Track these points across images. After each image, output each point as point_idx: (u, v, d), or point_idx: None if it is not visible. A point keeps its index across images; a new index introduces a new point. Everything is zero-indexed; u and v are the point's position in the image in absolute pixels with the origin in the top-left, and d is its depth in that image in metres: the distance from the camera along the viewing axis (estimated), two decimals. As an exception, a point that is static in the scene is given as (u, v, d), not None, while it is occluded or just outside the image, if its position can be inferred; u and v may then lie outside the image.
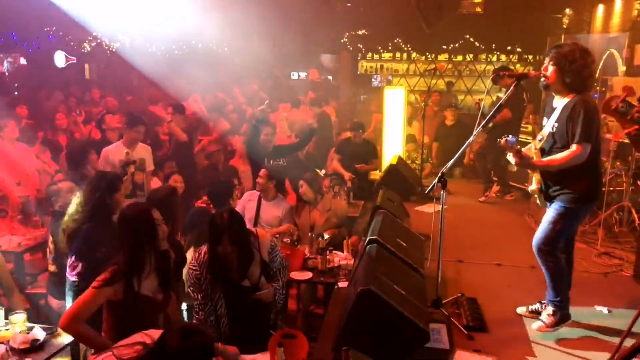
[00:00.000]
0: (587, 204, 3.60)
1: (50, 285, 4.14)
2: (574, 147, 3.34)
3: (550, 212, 3.57)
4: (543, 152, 3.56)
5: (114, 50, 12.73)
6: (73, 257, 3.47)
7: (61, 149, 6.64)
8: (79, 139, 6.89)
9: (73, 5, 9.57)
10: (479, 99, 8.09)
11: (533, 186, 3.69)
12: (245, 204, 5.11)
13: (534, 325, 3.73)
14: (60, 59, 12.82)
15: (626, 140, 4.75)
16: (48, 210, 4.64)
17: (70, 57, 13.00)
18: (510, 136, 3.54)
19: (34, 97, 10.21)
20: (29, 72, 12.87)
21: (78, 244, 3.50)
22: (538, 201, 3.75)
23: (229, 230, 3.12)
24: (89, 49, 12.81)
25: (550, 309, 3.69)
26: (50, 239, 4.13)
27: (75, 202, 3.63)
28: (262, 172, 5.10)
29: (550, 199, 3.59)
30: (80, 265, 3.43)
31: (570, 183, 3.46)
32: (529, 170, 3.76)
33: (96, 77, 13.48)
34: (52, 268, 4.13)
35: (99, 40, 12.52)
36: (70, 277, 3.47)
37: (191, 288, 3.25)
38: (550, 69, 3.45)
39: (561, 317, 3.65)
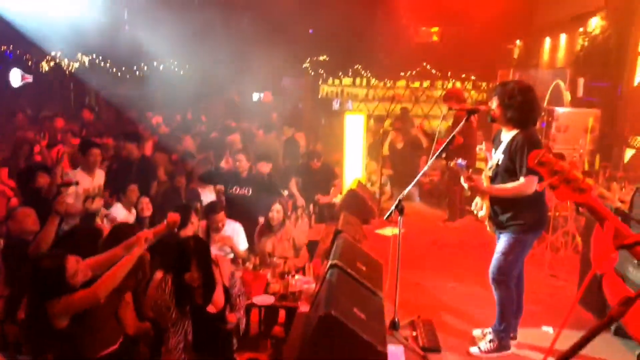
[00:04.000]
0: (535, 233, 3.83)
1: (5, 311, 4.06)
2: (522, 179, 3.57)
3: (502, 243, 3.79)
4: (492, 180, 3.80)
5: (72, 70, 12.58)
6: None
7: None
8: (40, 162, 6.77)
9: (31, 23, 9.45)
10: (420, 124, 8.41)
11: (483, 212, 3.91)
12: None
13: (471, 350, 3.93)
14: (15, 77, 12.54)
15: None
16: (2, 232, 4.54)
17: (26, 75, 12.72)
18: (460, 159, 3.77)
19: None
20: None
21: None
22: (488, 228, 3.97)
23: (197, 256, 3.20)
24: (47, 68, 12.61)
25: (489, 337, 3.91)
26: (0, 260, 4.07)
27: None
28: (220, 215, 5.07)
29: (499, 226, 3.82)
30: None
31: (519, 213, 3.68)
32: (478, 197, 3.97)
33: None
34: (6, 292, 4.06)
35: (57, 60, 12.35)
36: None
37: (161, 319, 3.28)
38: (495, 104, 3.72)
39: (500, 346, 3.88)
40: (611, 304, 1.60)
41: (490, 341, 3.89)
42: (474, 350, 3.91)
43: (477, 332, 4.17)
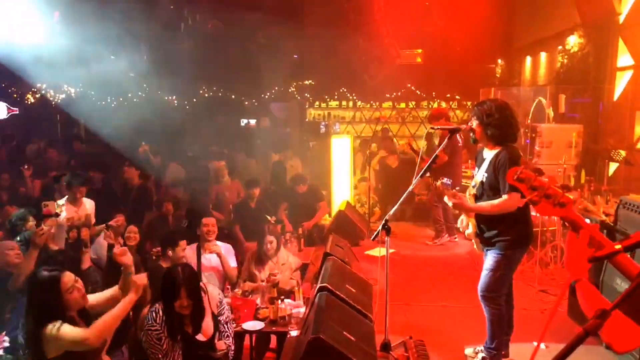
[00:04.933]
0: (522, 248, 3.86)
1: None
2: (504, 196, 3.61)
3: (489, 260, 3.80)
4: (476, 198, 3.84)
5: (59, 101, 12.61)
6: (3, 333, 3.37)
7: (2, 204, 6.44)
8: (23, 193, 6.72)
9: (14, 56, 9.45)
10: (408, 142, 8.43)
11: (469, 230, 3.94)
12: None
13: None
14: (1, 110, 12.51)
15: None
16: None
17: (12, 108, 12.71)
18: (445, 179, 3.81)
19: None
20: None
21: (11, 317, 3.42)
22: (475, 246, 3.98)
23: (186, 284, 3.17)
24: (32, 100, 12.62)
25: (481, 355, 3.90)
26: None
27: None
28: (212, 220, 5.09)
29: (486, 243, 3.83)
30: (7, 339, 3.33)
31: (505, 230, 3.71)
32: (463, 215, 4.00)
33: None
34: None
35: (43, 92, 12.38)
36: None
37: (152, 350, 3.23)
38: (475, 124, 3.78)
39: None
40: (584, 312, 1.60)
41: (482, 359, 3.87)
42: None
43: (469, 351, 4.14)
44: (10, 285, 3.65)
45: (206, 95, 14.13)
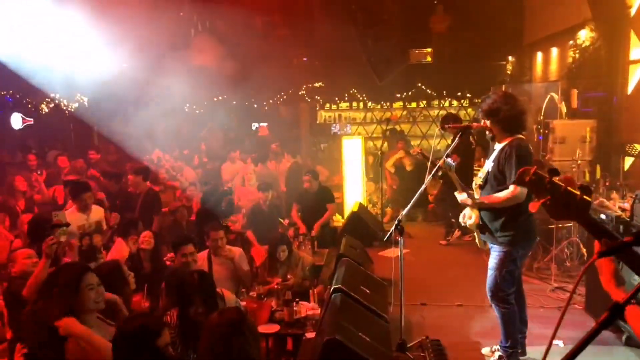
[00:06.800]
0: (524, 244, 3.80)
1: (11, 354, 4.04)
2: (511, 187, 3.58)
3: (492, 259, 3.79)
4: (481, 187, 3.81)
5: (72, 110, 12.75)
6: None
7: (18, 213, 6.52)
8: (39, 200, 6.79)
9: (28, 67, 9.58)
10: (419, 149, 8.33)
11: (471, 220, 3.88)
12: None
13: None
14: (16, 121, 12.71)
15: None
16: (4, 276, 4.55)
17: (27, 118, 12.90)
18: (449, 159, 3.79)
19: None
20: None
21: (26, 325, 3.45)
22: (477, 240, 3.95)
23: (201, 291, 3.18)
24: (47, 110, 12.78)
25: (498, 354, 3.86)
26: (2, 304, 4.06)
27: None
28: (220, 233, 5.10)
29: (489, 235, 3.80)
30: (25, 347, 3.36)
31: (505, 223, 3.68)
32: (468, 207, 3.95)
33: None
34: (9, 335, 4.05)
35: (57, 101, 12.52)
36: None
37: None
38: (488, 122, 3.75)
39: None
40: (637, 336, 1.47)
41: (499, 358, 3.84)
42: None
43: (486, 350, 4.12)
44: (24, 294, 3.69)
45: (215, 99, 14.17)
